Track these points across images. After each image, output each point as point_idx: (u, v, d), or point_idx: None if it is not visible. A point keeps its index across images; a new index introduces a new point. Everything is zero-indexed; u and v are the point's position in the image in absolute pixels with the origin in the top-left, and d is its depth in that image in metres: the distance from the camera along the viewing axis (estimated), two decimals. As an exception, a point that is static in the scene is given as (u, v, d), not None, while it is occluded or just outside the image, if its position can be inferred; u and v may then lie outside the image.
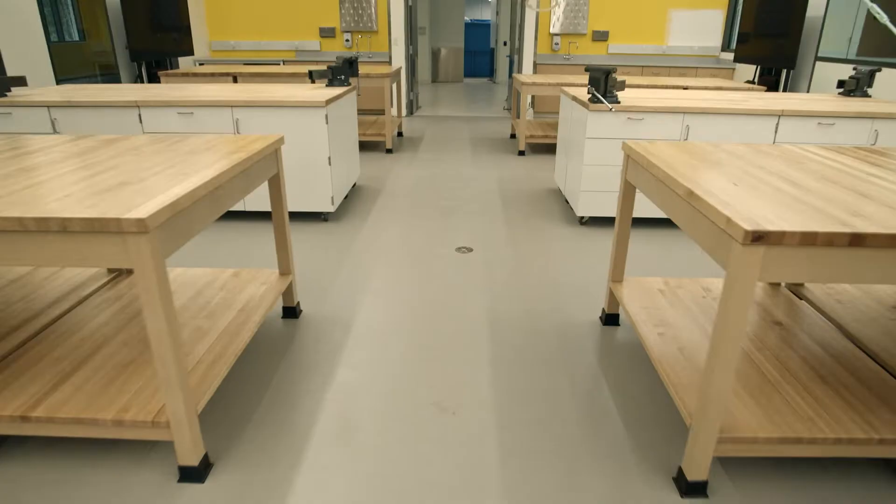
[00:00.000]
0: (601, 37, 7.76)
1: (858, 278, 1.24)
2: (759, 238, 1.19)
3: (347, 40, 7.72)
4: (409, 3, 7.52)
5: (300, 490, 1.50)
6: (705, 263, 2.98)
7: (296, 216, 3.65)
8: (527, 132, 5.61)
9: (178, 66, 6.71)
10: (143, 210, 1.24)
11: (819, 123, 3.21)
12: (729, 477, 1.56)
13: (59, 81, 5.01)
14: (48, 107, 3.26)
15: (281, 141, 2.10)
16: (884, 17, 5.51)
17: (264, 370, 2.02)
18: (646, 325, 1.96)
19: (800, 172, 1.67)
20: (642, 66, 7.41)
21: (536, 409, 1.83)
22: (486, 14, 15.34)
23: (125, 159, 1.72)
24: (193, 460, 1.49)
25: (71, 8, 5.56)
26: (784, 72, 5.38)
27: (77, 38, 5.53)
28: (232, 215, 3.63)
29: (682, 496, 1.49)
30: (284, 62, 7.51)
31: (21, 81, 3.45)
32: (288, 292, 2.32)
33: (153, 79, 5.69)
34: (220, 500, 1.46)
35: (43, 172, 1.57)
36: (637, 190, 2.16)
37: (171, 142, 1.98)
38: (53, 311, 1.98)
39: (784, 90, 5.50)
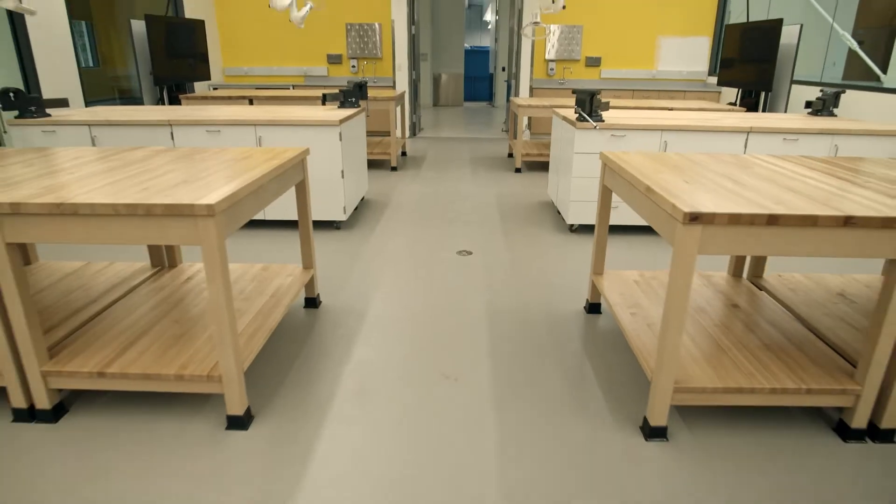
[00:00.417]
0: (594, 62, 8.19)
1: (775, 250, 1.56)
2: (695, 218, 1.51)
3: (354, 66, 8.15)
4: (413, 32, 7.96)
5: (325, 437, 1.79)
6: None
7: (316, 222, 3.97)
8: (523, 151, 5.98)
9: (194, 91, 7.12)
10: (211, 198, 1.57)
11: (784, 139, 3.56)
12: (686, 425, 1.86)
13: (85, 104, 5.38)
14: (89, 125, 3.62)
15: (307, 152, 2.44)
16: (854, 44, 5.94)
17: (292, 347, 2.33)
18: (621, 307, 2.27)
19: (745, 174, 2.00)
20: (633, 90, 7.82)
21: (527, 376, 2.14)
22: (485, 41, 15.89)
23: (179, 165, 2.06)
24: (239, 410, 1.79)
25: (87, 37, 5.98)
26: (763, 94, 5.76)
27: (92, 65, 5.94)
28: (253, 224, 3.96)
29: (646, 439, 1.79)
30: (294, 86, 7.93)
31: (63, 103, 3.82)
32: (310, 284, 2.64)
33: (173, 101, 6.07)
34: (261, 444, 1.76)
35: (118, 173, 1.90)
36: (613, 194, 2.49)
37: (212, 152, 2.32)
38: (109, 297, 2.29)
39: (763, 111, 5.87)
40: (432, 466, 1.66)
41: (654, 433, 1.78)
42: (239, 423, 1.81)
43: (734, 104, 6.28)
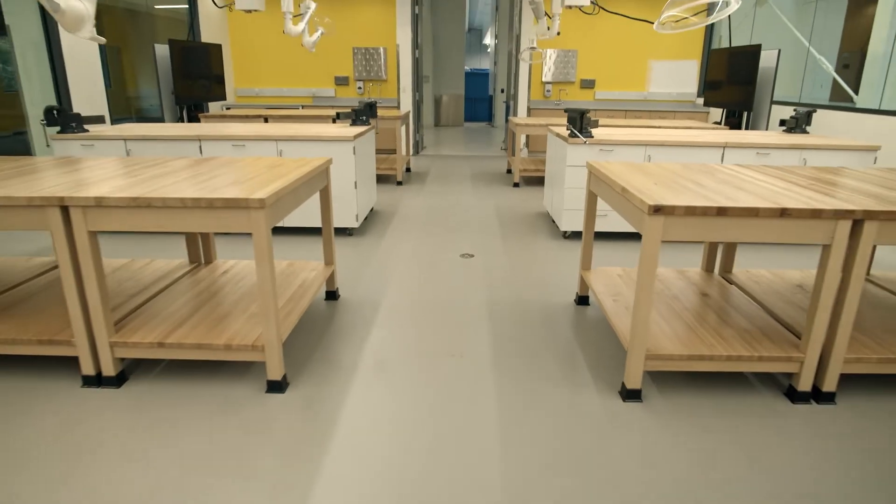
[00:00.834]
0: (588, 84, 8.62)
1: (724, 237, 1.89)
2: (658, 210, 1.85)
3: (360, 88, 8.57)
4: (416, 56, 8.39)
5: (350, 400, 2.11)
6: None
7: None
8: (521, 167, 6.34)
9: (209, 110, 7.51)
10: (261, 194, 1.91)
11: (757, 153, 3.91)
12: (657, 389, 2.17)
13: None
14: (124, 139, 3.97)
15: (330, 162, 2.78)
16: (829, 68, 6.39)
17: (318, 329, 2.65)
18: (605, 295, 2.60)
19: (708, 179, 2.34)
20: (626, 111, 8.23)
21: (522, 354, 2.45)
22: (485, 64, 16.42)
23: (224, 171, 2.40)
24: (278, 376, 2.11)
25: (100, 60, 6.38)
26: (745, 114, 6.14)
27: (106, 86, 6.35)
28: (274, 230, 4.29)
29: (623, 401, 2.10)
30: (303, 107, 8.33)
31: (100, 120, 4.18)
32: (331, 279, 2.96)
33: (192, 120, 6.45)
34: (296, 404, 2.07)
35: (178, 176, 2.24)
36: (599, 199, 2.83)
37: (249, 161, 2.67)
38: (158, 286, 2.62)
39: (746, 129, 6.25)
40: (441, 424, 1.98)
41: (630, 395, 2.10)
42: (277, 386, 2.13)
43: (719, 123, 6.67)
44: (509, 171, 7.11)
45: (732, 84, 6.18)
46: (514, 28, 8.52)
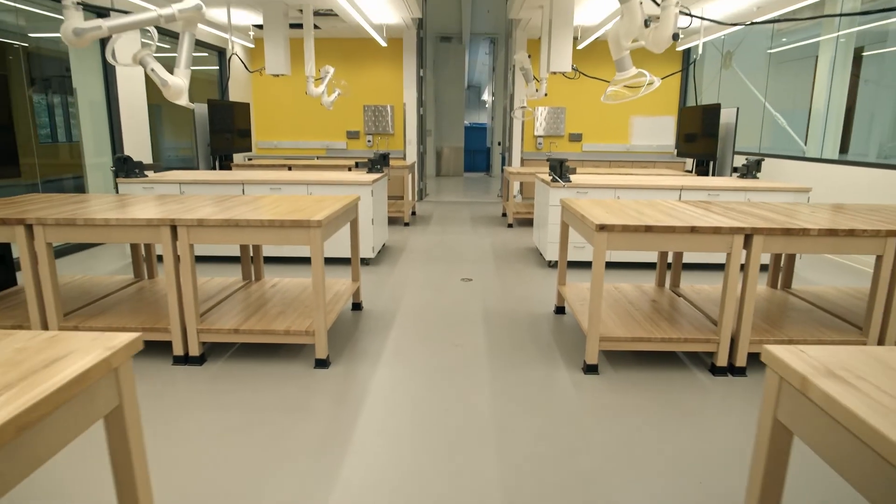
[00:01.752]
0: (576, 138, 9.52)
1: (651, 247, 2.62)
2: (602, 227, 2.58)
3: (369, 141, 9.47)
4: (420, 113, 9.33)
5: (377, 374, 2.78)
6: (622, 278, 4.33)
7: (347, 261, 5.04)
8: (514, 210, 7.13)
9: (232, 160, 8.36)
10: (318, 217, 2.65)
11: (709, 194, 4.68)
12: (611, 366, 2.85)
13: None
14: (179, 183, 4.75)
15: (359, 199, 3.53)
16: (783, 122, 7.29)
17: (348, 329, 3.33)
18: (575, 301, 3.30)
19: (650, 209, 3.09)
20: (610, 161, 9.09)
21: (510, 345, 3.14)
22: (483, 118, 17.53)
23: (281, 203, 3.15)
24: (324, 355, 2.80)
25: (147, 117, 7.24)
26: (711, 163, 6.96)
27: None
28: (304, 261, 5.02)
29: (584, 374, 2.78)
30: (318, 157, 9.20)
31: (158, 167, 4.97)
32: (356, 292, 3.67)
33: (223, 167, 7.27)
34: (338, 376, 2.75)
35: (247, 207, 2.99)
36: (570, 228, 3.56)
37: (297, 197, 3.42)
38: (223, 294, 3.33)
39: (712, 175, 7.06)
40: (446, 391, 2.66)
41: (589, 369, 2.78)
42: (323, 364, 2.81)
43: (690, 171, 7.50)
44: (504, 215, 7.90)
45: (701, 137, 7.04)
46: (509, 87, 9.49)
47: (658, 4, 2.66)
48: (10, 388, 0.93)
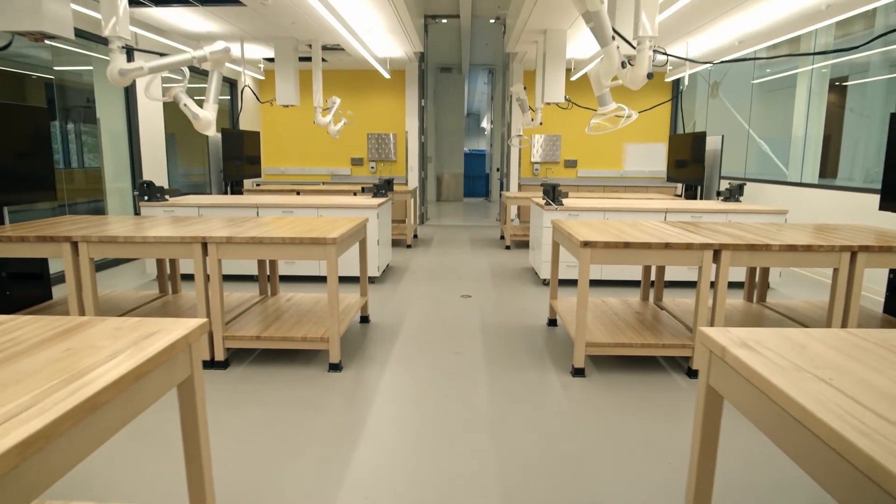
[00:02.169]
0: (571, 164, 9.90)
1: (631, 261, 2.94)
2: (586, 244, 2.90)
3: (373, 167, 9.85)
4: (422, 140, 9.73)
5: (385, 377, 3.07)
6: (611, 295, 4.63)
7: (354, 279, 5.35)
8: (511, 232, 7.46)
9: (243, 185, 8.72)
10: (332, 235, 2.97)
11: (692, 216, 5.02)
12: (597, 369, 3.15)
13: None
14: (198, 207, 5.09)
15: (367, 220, 3.86)
16: (766, 148, 7.69)
17: (357, 339, 3.63)
18: (565, 312, 3.61)
19: (631, 229, 3.41)
20: (604, 187, 9.47)
21: (505, 353, 3.43)
22: (482, 145, 17.99)
23: (297, 224, 3.47)
24: (337, 360, 3.09)
25: (164, 145, 7.63)
26: (699, 187, 7.32)
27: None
28: (314, 280, 5.33)
29: (572, 376, 3.07)
30: (323, 183, 9.57)
31: (177, 192, 5.32)
32: (364, 306, 3.98)
33: (235, 192, 7.62)
34: (349, 378, 3.04)
35: (268, 227, 3.31)
36: (560, 246, 3.88)
37: (310, 218, 3.75)
38: (244, 306, 3.63)
39: (700, 199, 7.41)
40: (446, 393, 2.95)
41: (577, 372, 3.07)
42: (336, 367, 3.10)
43: (680, 195, 7.85)
44: (502, 237, 8.23)
45: (689, 163, 7.41)
46: (506, 116, 9.92)
47: (634, 47, 3.02)
48: (122, 352, 1.24)
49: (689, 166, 7.38)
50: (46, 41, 4.17)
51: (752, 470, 2.18)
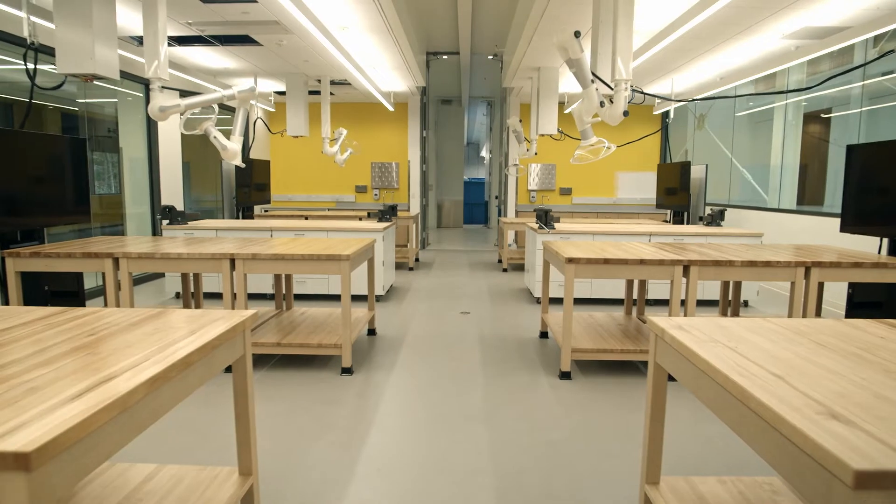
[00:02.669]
0: (566, 191, 10.35)
1: (612, 276, 3.32)
2: (570, 260, 3.29)
3: (376, 194, 10.30)
4: (423, 169, 10.20)
5: (391, 380, 3.42)
6: (597, 310, 4.99)
7: (362, 297, 5.72)
8: (508, 256, 7.85)
9: (253, 211, 9.15)
10: (346, 252, 3.35)
11: (674, 238, 5.41)
12: (582, 373, 3.50)
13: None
14: (216, 230, 5.48)
15: (374, 241, 4.25)
16: (749, 176, 8.16)
17: (366, 348, 3.98)
18: (555, 325, 3.97)
19: (613, 248, 3.80)
20: (598, 213, 9.89)
21: (500, 360, 3.78)
22: (481, 174, 18.51)
23: (313, 243, 3.86)
24: (349, 364, 3.45)
25: (181, 173, 8.06)
26: (685, 213, 7.73)
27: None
28: (325, 298, 5.69)
29: (559, 379, 3.42)
30: (329, 209, 10.00)
31: (196, 216, 5.72)
32: (372, 320, 4.34)
33: (246, 217, 8.03)
34: (360, 380, 3.39)
35: (288, 245, 3.70)
36: (551, 265, 4.25)
37: (324, 239, 4.14)
38: (263, 318, 4.00)
39: (686, 224, 7.81)
40: (446, 392, 3.30)
41: (563, 375, 3.42)
42: (348, 371, 3.46)
43: (668, 221, 8.27)
44: (500, 261, 8.61)
45: (677, 191, 7.84)
46: (503, 147, 10.40)
47: (611, 88, 3.45)
48: (196, 332, 1.61)
49: (678, 194, 7.81)
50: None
51: (690, 430, 2.53)
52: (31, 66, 3.57)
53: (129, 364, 1.32)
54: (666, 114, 10.10)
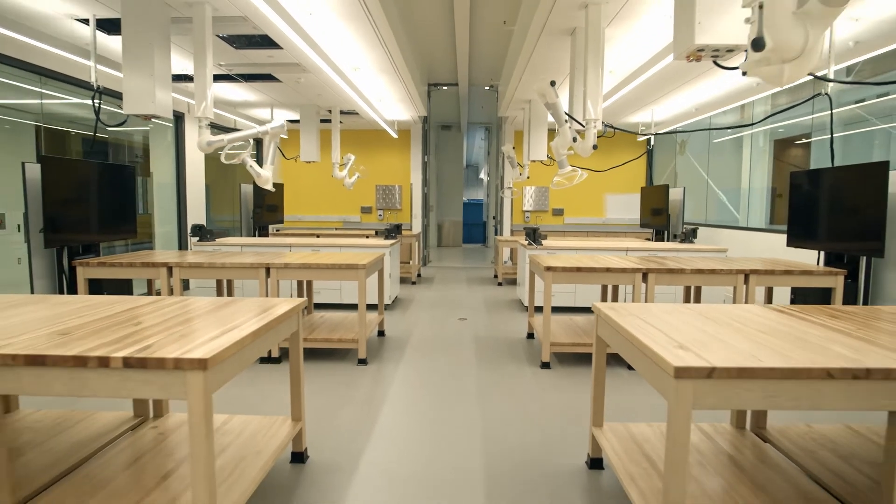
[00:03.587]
0: (559, 212, 11.05)
1: (583, 281, 3.99)
2: (549, 269, 3.97)
3: (380, 215, 11.00)
4: (425, 191, 10.92)
5: (400, 370, 4.07)
6: (576, 315, 5.65)
7: (372, 306, 6.38)
8: (503, 271, 8.53)
9: (268, 230, 9.84)
10: (362, 262, 4.03)
11: (649, 253, 6.08)
12: (560, 363, 4.15)
13: (208, 238, 8.00)
14: (241, 245, 6.16)
15: (384, 254, 4.92)
16: (723, 197, 8.90)
17: (377, 345, 4.63)
18: (539, 325, 4.63)
19: (588, 260, 4.47)
20: (587, 232, 10.58)
21: (492, 355, 4.43)
22: (479, 195, 19.26)
23: (332, 255, 4.53)
24: (364, 356, 4.10)
25: (205, 195, 8.76)
26: (665, 232, 8.42)
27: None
28: (338, 307, 6.35)
29: (541, 368, 4.07)
30: (336, 229, 10.70)
31: (225, 233, 6.40)
32: (381, 323, 5.00)
33: (262, 235, 8.72)
34: (373, 369, 4.04)
35: (313, 257, 4.38)
36: (536, 275, 4.92)
37: (341, 253, 4.82)
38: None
39: (666, 241, 8.48)
40: (445, 378, 3.95)
41: (544, 365, 4.07)
42: (363, 362, 4.11)
43: (651, 239, 8.95)
44: (496, 276, 9.28)
45: (658, 211, 8.54)
46: (500, 170, 11.14)
47: (583, 126, 4.15)
48: (263, 312, 2.28)
49: (651, 214, 8.52)
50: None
51: (631, 395, 3.17)
52: (95, 102, 4.27)
53: (239, 322, 1.99)
54: (649, 140, 10.86)
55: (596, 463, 2.56)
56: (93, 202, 4.47)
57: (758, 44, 1.58)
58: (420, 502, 2.26)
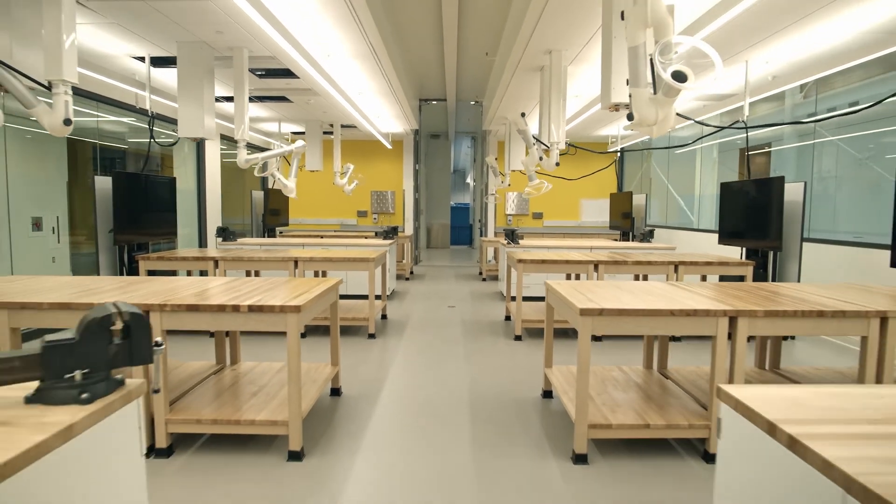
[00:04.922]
0: (538, 216, 12.13)
1: (548, 271, 5.03)
2: (520, 261, 5.00)
3: (375, 218, 12.00)
4: (416, 197, 11.95)
5: (403, 343, 5.08)
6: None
7: (377, 296, 7.39)
8: (486, 268, 9.57)
9: (275, 232, 10.79)
10: (371, 255, 5.05)
11: (610, 251, 7.15)
12: (530, 337, 5.20)
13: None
14: (260, 245, 7.13)
15: (386, 251, 5.93)
16: (681, 202, 10.04)
17: (381, 325, 5.63)
18: (513, 308, 5.66)
19: (551, 255, 5.51)
20: (564, 233, 11.66)
21: (478, 334, 5.46)
22: (466, 199, 20.31)
23: (348, 249, 5.53)
24: (373, 331, 5.11)
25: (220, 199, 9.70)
26: (630, 233, 9.51)
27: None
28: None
29: (514, 341, 5.10)
30: (335, 231, 11.68)
31: (240, 234, 7.37)
32: (384, 308, 6.00)
33: (271, 235, 9.67)
34: (381, 343, 5.04)
35: (328, 252, 5.38)
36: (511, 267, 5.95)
37: (351, 249, 5.82)
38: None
39: (629, 241, 9.56)
40: (440, 342, 4.97)
41: (517, 338, 5.11)
42: (372, 336, 5.12)
43: (618, 239, 10.06)
44: (480, 273, 10.33)
45: (623, 215, 9.64)
46: (484, 177, 12.19)
47: (547, 147, 5.20)
48: (318, 285, 3.28)
49: (619, 218, 9.63)
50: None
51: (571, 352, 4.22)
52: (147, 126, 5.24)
53: (307, 288, 3.00)
54: (620, 151, 11.97)
55: (547, 394, 3.60)
56: (149, 208, 5.44)
57: (630, 117, 2.64)
58: (426, 416, 3.28)
